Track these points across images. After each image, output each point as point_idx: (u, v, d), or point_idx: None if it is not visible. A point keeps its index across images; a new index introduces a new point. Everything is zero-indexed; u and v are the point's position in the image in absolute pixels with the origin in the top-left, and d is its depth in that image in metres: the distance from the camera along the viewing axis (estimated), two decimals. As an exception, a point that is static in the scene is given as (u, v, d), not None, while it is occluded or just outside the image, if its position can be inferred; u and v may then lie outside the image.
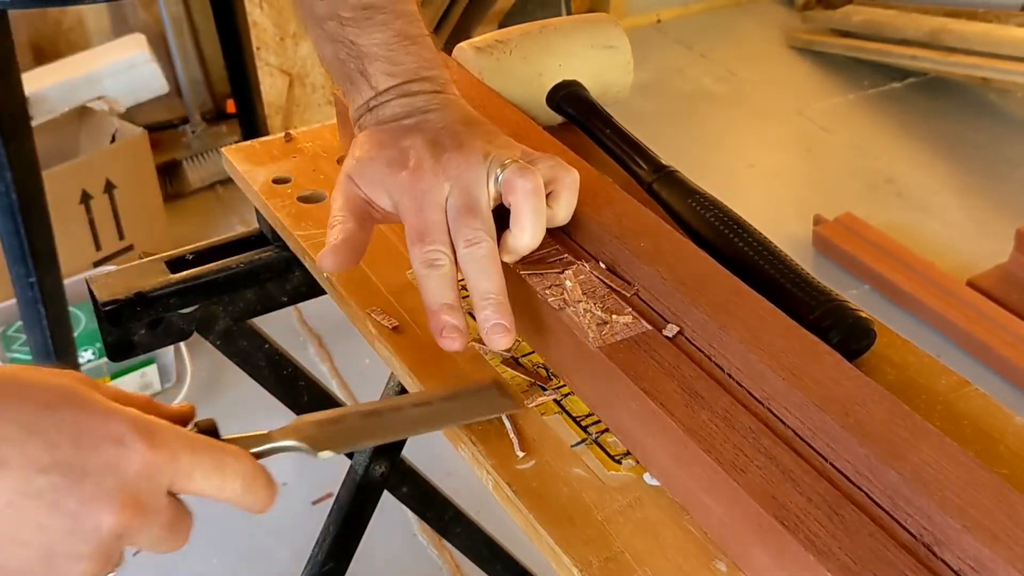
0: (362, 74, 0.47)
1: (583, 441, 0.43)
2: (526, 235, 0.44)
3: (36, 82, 1.64)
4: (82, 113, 1.63)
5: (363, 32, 0.47)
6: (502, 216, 0.45)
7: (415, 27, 0.48)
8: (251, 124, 1.72)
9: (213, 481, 0.35)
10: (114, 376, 1.42)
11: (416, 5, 0.49)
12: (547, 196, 0.45)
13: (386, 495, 0.78)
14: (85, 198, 1.54)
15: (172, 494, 0.34)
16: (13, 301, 1.26)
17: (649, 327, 0.43)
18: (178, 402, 1.58)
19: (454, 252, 0.43)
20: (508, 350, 0.48)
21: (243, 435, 0.37)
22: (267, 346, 0.69)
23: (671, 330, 0.43)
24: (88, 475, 0.32)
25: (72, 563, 0.32)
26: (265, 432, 0.37)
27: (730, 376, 0.41)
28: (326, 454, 0.37)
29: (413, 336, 0.49)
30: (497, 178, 0.44)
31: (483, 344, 0.44)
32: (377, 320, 0.49)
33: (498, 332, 0.42)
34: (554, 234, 0.49)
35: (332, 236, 0.45)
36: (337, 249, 0.44)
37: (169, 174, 1.86)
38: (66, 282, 1.21)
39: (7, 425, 0.31)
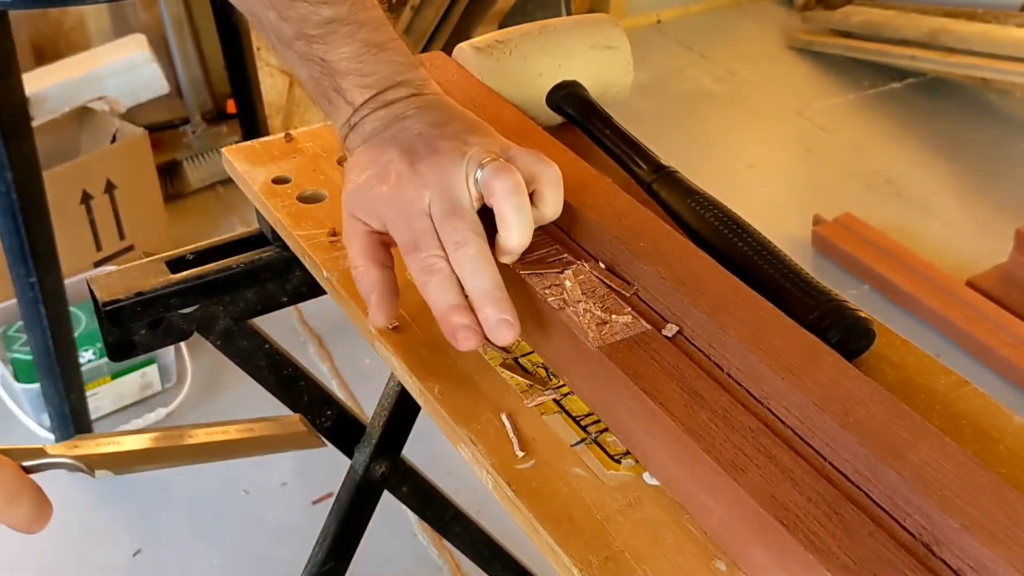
0: (337, 91, 0.47)
1: (582, 441, 0.43)
2: (514, 234, 0.44)
3: (37, 82, 1.64)
4: (83, 113, 1.63)
5: (331, 48, 0.46)
6: (492, 217, 0.44)
7: (382, 33, 0.47)
8: (251, 124, 1.72)
9: None
10: (115, 376, 1.42)
11: (382, 9, 0.48)
12: (531, 195, 0.44)
13: (386, 495, 0.78)
14: (86, 198, 1.54)
15: None
16: (14, 301, 1.26)
17: (649, 327, 0.43)
18: (179, 402, 1.58)
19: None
20: (508, 350, 0.48)
21: (15, 447, 0.35)
22: (267, 346, 0.69)
23: (671, 330, 0.43)
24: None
25: None
26: (40, 447, 0.36)
27: (729, 376, 0.42)
28: (103, 473, 0.37)
29: (413, 336, 0.49)
30: (476, 179, 0.44)
31: (487, 342, 0.44)
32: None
33: (502, 328, 0.42)
34: (553, 234, 0.49)
35: (363, 291, 0.45)
36: (379, 305, 0.45)
37: (170, 174, 1.86)
38: (66, 282, 1.22)
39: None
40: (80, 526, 1.29)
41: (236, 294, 0.63)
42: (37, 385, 1.33)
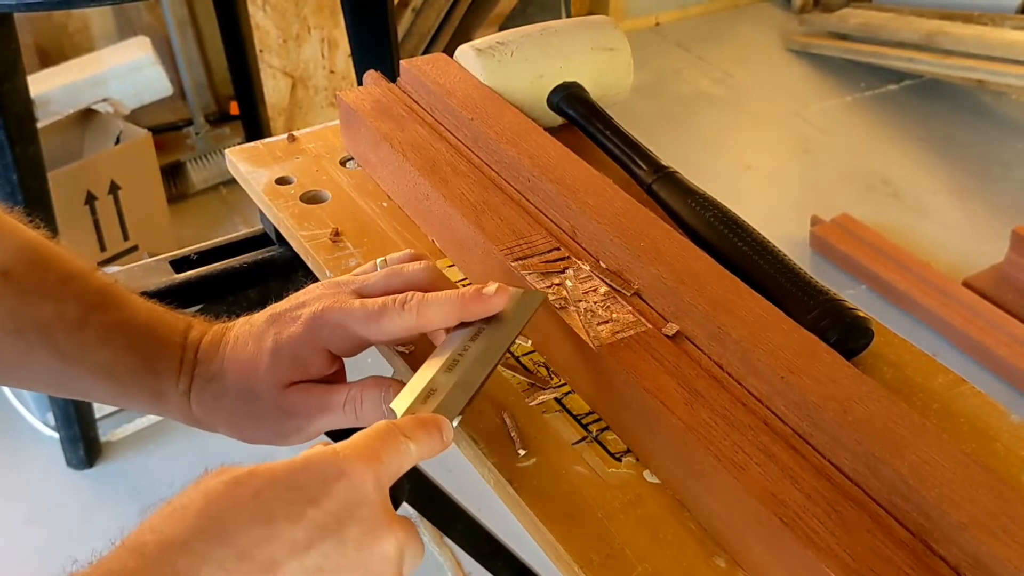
0: (161, 344, 0.43)
1: (584, 439, 0.43)
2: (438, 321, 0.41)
3: (41, 84, 1.65)
4: (87, 115, 1.63)
5: (117, 307, 0.43)
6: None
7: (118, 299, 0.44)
8: (254, 126, 1.72)
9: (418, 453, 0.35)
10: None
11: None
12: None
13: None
14: (90, 199, 1.55)
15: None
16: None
17: (649, 326, 0.44)
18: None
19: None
20: (509, 352, 0.48)
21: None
22: (269, 346, 0.69)
23: (671, 329, 0.44)
24: (341, 521, 0.31)
25: None
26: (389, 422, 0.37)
27: (729, 374, 0.42)
28: (455, 421, 0.38)
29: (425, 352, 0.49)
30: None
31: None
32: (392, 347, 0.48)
33: (494, 293, 0.41)
34: (555, 234, 0.50)
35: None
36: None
37: (173, 175, 1.87)
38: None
39: (248, 531, 0.30)
40: (84, 525, 1.29)
41: (240, 294, 0.63)
42: (40, 385, 1.33)
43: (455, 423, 0.38)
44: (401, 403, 0.38)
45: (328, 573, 0.31)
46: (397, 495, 0.35)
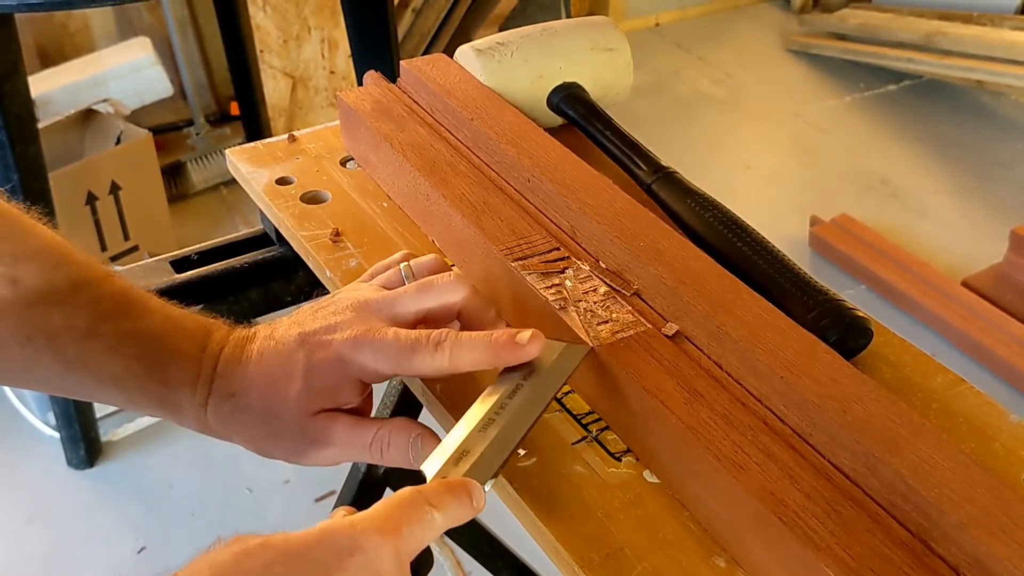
0: (176, 355, 0.42)
1: (583, 439, 0.43)
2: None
3: (42, 85, 1.65)
4: (87, 115, 1.64)
5: (130, 316, 0.42)
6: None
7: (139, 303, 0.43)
8: (255, 126, 1.73)
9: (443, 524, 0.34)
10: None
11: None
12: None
13: (388, 492, 0.78)
14: (91, 199, 1.55)
15: None
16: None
17: (649, 326, 0.44)
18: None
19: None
20: None
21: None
22: (269, 346, 0.69)
23: (671, 329, 0.44)
24: None
25: None
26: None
27: (729, 374, 0.42)
28: (488, 484, 0.37)
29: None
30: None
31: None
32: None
33: (527, 341, 0.39)
34: (555, 234, 0.50)
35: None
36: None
37: (174, 175, 1.87)
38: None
39: None
40: (85, 524, 1.29)
41: (240, 294, 0.63)
42: (41, 385, 1.33)
43: (488, 487, 0.36)
44: (431, 465, 0.37)
45: None
46: (420, 568, 0.34)
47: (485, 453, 0.37)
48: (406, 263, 0.45)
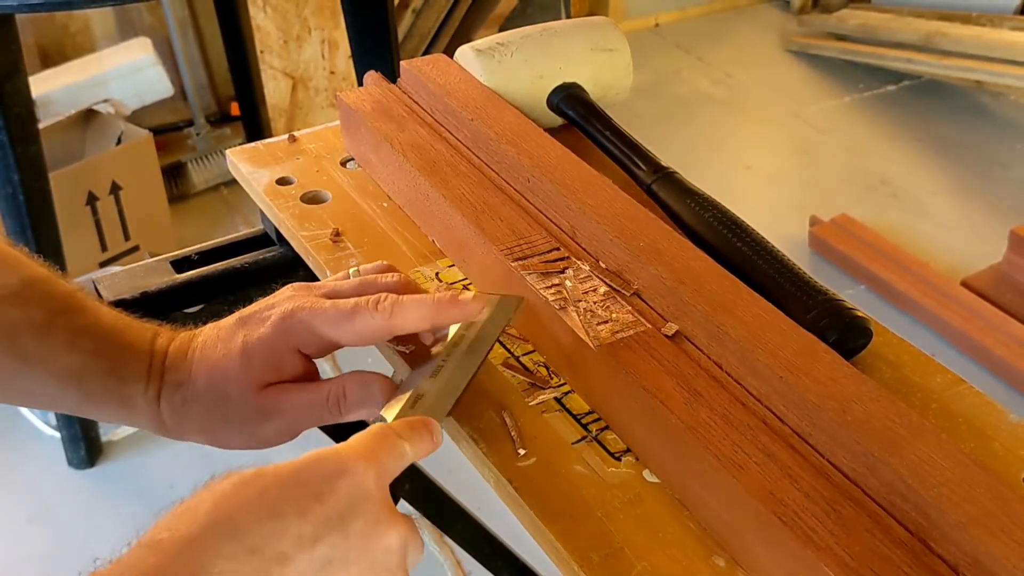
0: (129, 349, 0.43)
1: (583, 438, 0.44)
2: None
3: (43, 85, 1.65)
4: (88, 116, 1.64)
5: (84, 312, 0.43)
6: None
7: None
8: (255, 126, 1.73)
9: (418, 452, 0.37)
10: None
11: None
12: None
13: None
14: (91, 199, 1.55)
15: None
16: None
17: (649, 326, 0.44)
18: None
19: None
20: (510, 351, 0.48)
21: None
22: (270, 345, 0.69)
23: (670, 329, 0.44)
24: (345, 515, 0.32)
25: None
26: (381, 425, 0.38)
27: (729, 374, 0.42)
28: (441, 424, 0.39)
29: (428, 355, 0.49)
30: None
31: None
32: (392, 346, 0.48)
33: (469, 300, 0.41)
34: (555, 234, 0.50)
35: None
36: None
37: (174, 176, 1.87)
38: (72, 282, 1.22)
39: (257, 527, 0.31)
40: (85, 524, 1.29)
41: (241, 293, 0.63)
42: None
43: (443, 423, 0.39)
44: (391, 411, 0.39)
45: (336, 565, 0.32)
46: (396, 493, 0.36)
47: (438, 396, 0.40)
48: (355, 268, 0.47)
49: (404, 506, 0.85)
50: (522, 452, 0.43)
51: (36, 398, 0.45)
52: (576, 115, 0.61)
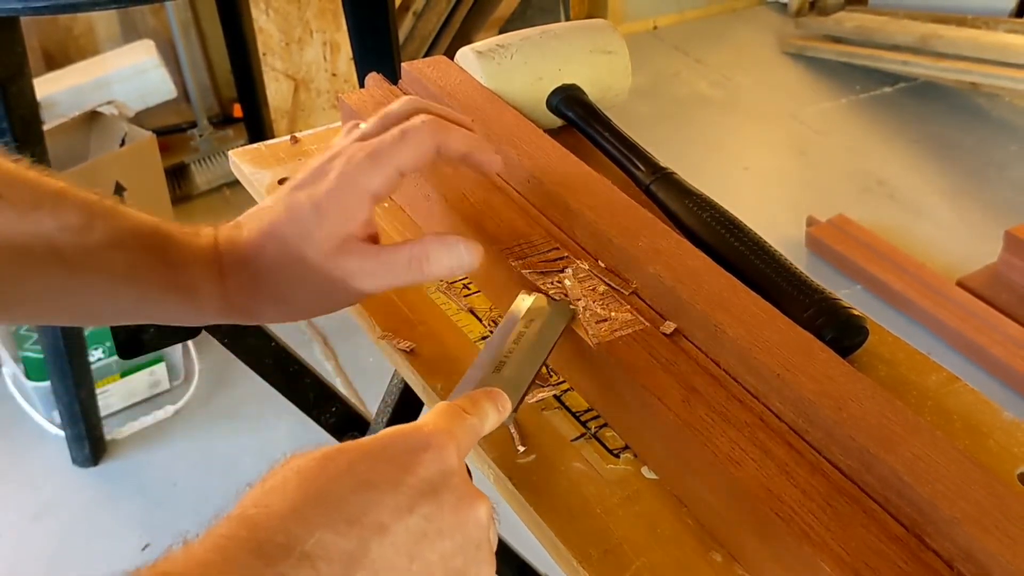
0: (176, 241, 0.42)
1: (582, 436, 0.44)
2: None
3: (47, 87, 1.66)
4: (92, 117, 1.64)
5: (119, 215, 0.42)
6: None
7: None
8: (257, 128, 1.73)
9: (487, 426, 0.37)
10: (124, 374, 1.44)
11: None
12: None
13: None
14: (95, 200, 1.55)
15: None
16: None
17: (647, 324, 0.44)
18: (187, 399, 1.58)
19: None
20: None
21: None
22: (274, 344, 0.70)
23: (669, 327, 0.44)
24: (437, 487, 0.32)
25: (482, 568, 0.33)
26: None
27: (726, 372, 0.42)
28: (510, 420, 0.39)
29: (418, 338, 0.50)
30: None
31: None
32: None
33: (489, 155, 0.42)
34: (554, 234, 0.50)
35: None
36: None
37: (177, 177, 1.88)
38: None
39: (352, 498, 0.31)
40: (90, 522, 1.30)
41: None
42: (48, 383, 1.34)
43: (510, 420, 0.39)
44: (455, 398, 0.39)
45: (431, 536, 0.32)
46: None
47: (505, 389, 0.39)
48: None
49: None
50: (521, 449, 0.43)
51: (89, 309, 0.42)
52: (575, 116, 0.61)
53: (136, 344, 0.61)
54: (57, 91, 1.67)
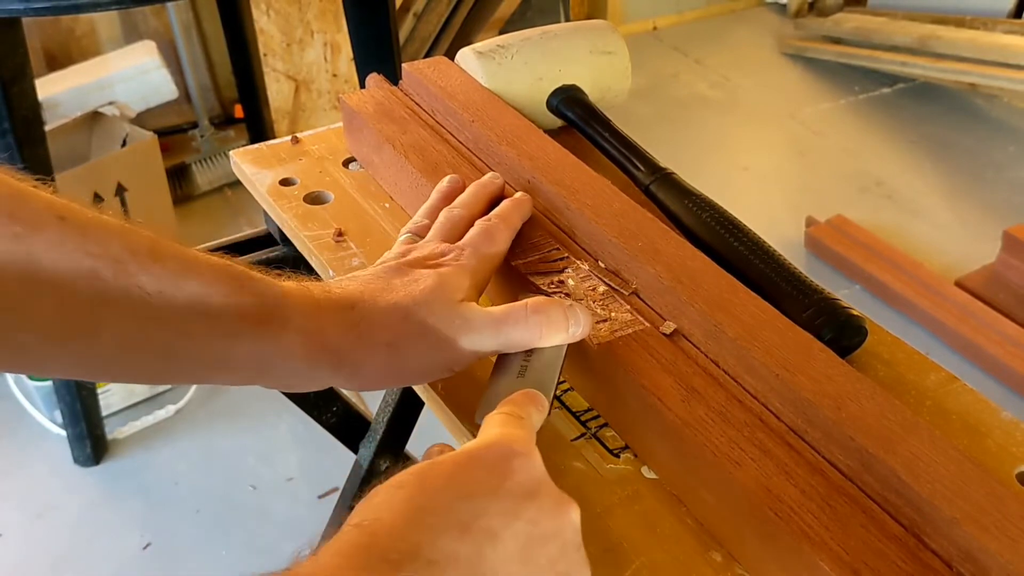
0: (252, 277, 0.38)
1: (582, 435, 0.44)
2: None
3: (49, 88, 1.66)
4: (94, 118, 1.64)
5: (182, 247, 0.38)
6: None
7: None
8: (258, 128, 1.73)
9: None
10: (122, 374, 1.43)
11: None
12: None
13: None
14: (96, 201, 1.56)
15: None
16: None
17: (647, 324, 0.44)
18: (187, 399, 1.57)
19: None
20: None
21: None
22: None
23: (668, 327, 0.44)
24: (532, 492, 0.32)
25: (583, 570, 0.33)
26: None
27: (726, 372, 0.42)
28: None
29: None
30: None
31: None
32: None
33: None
34: (555, 234, 0.51)
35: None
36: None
37: (179, 177, 1.88)
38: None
39: (458, 506, 0.31)
40: (91, 520, 1.30)
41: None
42: (49, 382, 1.34)
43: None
44: (483, 412, 0.39)
45: (536, 540, 0.32)
46: None
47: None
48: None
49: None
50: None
51: (162, 348, 0.37)
52: (575, 117, 0.61)
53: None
54: (59, 92, 1.67)
